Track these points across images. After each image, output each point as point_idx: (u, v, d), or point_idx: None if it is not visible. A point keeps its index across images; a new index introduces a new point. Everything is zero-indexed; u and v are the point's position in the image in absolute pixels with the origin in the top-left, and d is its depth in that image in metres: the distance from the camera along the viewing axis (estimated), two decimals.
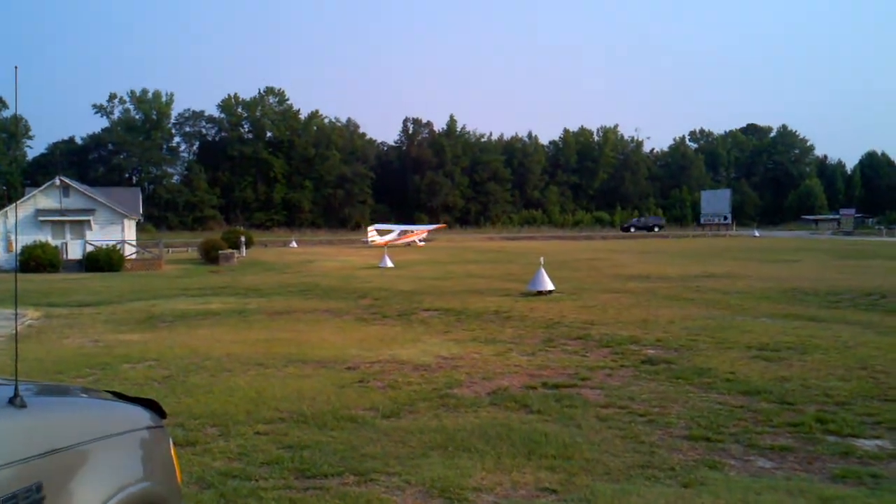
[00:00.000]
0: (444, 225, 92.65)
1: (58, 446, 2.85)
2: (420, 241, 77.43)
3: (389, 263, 39.25)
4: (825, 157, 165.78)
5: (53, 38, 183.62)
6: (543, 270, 24.22)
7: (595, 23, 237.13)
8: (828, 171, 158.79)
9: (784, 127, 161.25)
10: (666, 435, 8.09)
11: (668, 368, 11.70)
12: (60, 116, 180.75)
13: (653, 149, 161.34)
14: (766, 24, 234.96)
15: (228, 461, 7.27)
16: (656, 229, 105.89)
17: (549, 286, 23.84)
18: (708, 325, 16.62)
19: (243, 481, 6.72)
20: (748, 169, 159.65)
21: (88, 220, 46.54)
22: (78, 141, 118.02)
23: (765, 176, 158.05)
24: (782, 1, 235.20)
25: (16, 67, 3.54)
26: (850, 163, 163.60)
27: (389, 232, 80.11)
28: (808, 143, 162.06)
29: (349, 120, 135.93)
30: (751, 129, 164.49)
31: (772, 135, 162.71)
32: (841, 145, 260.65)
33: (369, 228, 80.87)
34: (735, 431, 8.20)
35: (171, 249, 62.87)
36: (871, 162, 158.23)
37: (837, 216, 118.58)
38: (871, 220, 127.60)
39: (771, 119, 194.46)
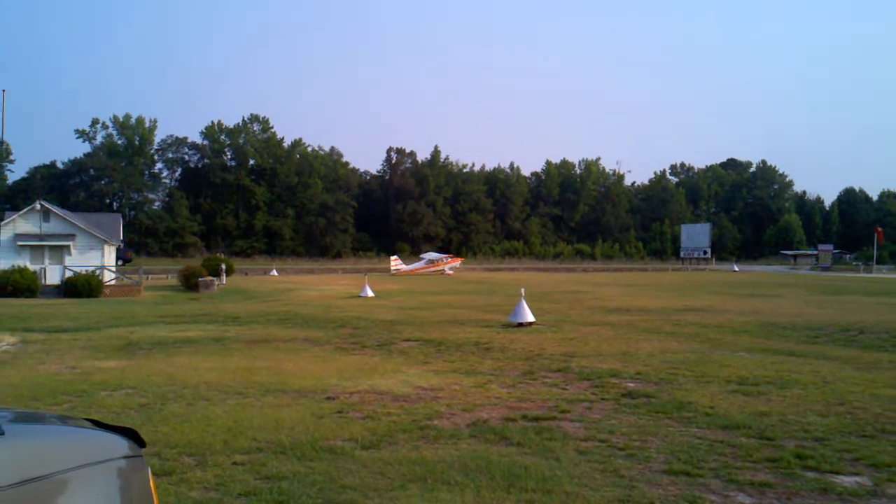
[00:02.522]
0: (462, 259, 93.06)
1: (34, 475, 2.81)
2: (449, 269, 77.89)
3: (370, 293, 39.20)
4: (804, 192, 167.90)
5: (37, 62, 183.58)
6: (524, 302, 24.24)
7: (578, 56, 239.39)
8: (806, 207, 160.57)
9: (763, 162, 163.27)
10: (646, 469, 8.07)
11: (647, 402, 11.70)
12: (42, 140, 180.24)
13: (634, 182, 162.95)
14: (746, 62, 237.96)
15: (205, 491, 7.20)
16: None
17: (530, 318, 23.85)
18: (688, 358, 16.65)
19: None
20: (728, 203, 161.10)
21: (68, 246, 46.26)
22: (59, 165, 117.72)
23: (744, 210, 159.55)
24: (762, 38, 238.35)
25: (3, 91, 3.52)
26: (829, 199, 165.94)
27: (418, 261, 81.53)
28: (788, 179, 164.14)
29: (332, 148, 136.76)
30: (731, 164, 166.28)
31: (751, 170, 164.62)
32: (819, 181, 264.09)
33: (392, 258, 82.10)
34: (715, 466, 8.19)
35: (150, 276, 62.53)
36: (849, 198, 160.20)
37: (816, 251, 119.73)
38: (849, 255, 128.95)
39: (751, 154, 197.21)
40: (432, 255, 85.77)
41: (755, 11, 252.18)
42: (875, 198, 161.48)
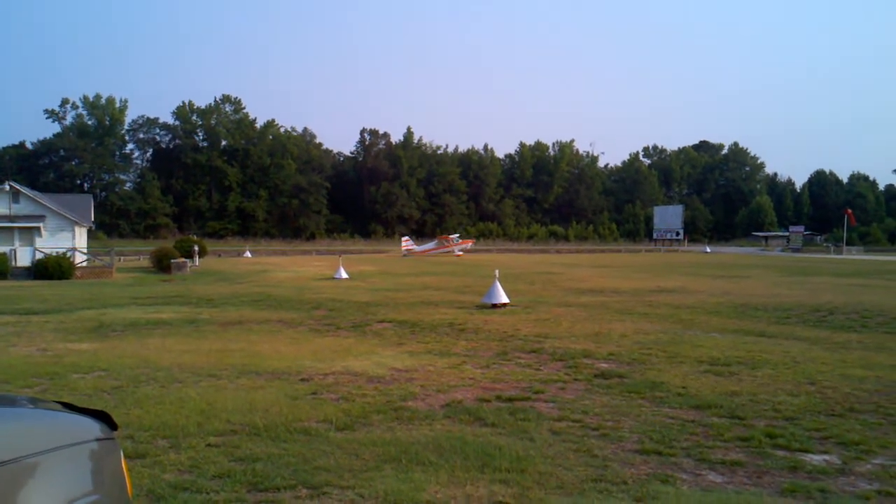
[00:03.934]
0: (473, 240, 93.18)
1: (4, 458, 2.79)
2: (459, 251, 78.60)
3: (344, 274, 39.10)
4: (775, 174, 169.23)
5: (5, 41, 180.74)
6: (498, 283, 24.29)
7: (552, 38, 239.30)
8: (777, 189, 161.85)
9: (735, 144, 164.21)
10: (618, 449, 8.13)
11: (620, 382, 11.78)
12: (11, 120, 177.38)
13: (607, 164, 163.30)
14: (719, 45, 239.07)
15: (179, 474, 7.17)
16: None
17: (504, 299, 23.92)
18: (660, 339, 16.78)
19: (194, 494, 6.62)
20: (700, 185, 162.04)
21: (38, 227, 45.74)
22: (29, 146, 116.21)
23: (716, 192, 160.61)
24: (735, 22, 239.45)
25: None
26: (800, 181, 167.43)
27: (429, 241, 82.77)
28: (759, 161, 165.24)
29: (305, 129, 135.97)
30: (703, 146, 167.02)
31: (723, 152, 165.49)
32: (790, 164, 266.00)
33: (404, 239, 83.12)
34: (686, 445, 8.26)
35: (122, 258, 62.16)
36: (820, 180, 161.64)
37: (787, 233, 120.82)
38: (819, 237, 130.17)
39: (723, 136, 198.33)
40: (446, 236, 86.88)
41: None
42: (845, 180, 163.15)
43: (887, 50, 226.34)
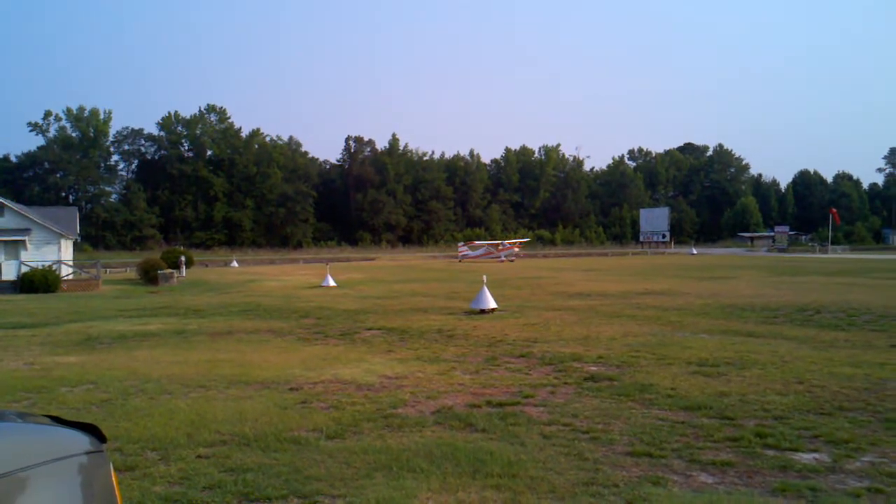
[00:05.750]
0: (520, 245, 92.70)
1: None
2: (505, 256, 79.19)
3: (332, 282, 39.07)
4: (760, 175, 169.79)
5: None
6: (486, 289, 24.32)
7: (537, 43, 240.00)
8: (762, 189, 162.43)
9: (720, 146, 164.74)
10: (609, 452, 8.14)
11: (610, 385, 11.79)
12: None
13: (593, 167, 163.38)
14: (702, 48, 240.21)
15: (169, 486, 7.14)
16: None
17: (492, 304, 23.93)
18: (648, 341, 16.82)
19: None
20: (685, 187, 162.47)
21: (24, 240, 45.51)
22: (12, 159, 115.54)
23: (702, 194, 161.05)
24: (717, 25, 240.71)
25: None
26: (784, 181, 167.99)
27: (480, 247, 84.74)
28: (744, 162, 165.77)
29: (291, 138, 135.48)
30: (688, 148, 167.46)
31: (708, 153, 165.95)
32: (775, 164, 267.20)
33: (459, 245, 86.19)
34: (677, 447, 8.28)
35: (109, 270, 61.88)
36: (804, 180, 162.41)
37: (772, 233, 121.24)
38: (804, 236, 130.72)
39: (707, 138, 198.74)
40: (497, 242, 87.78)
41: None
42: (830, 180, 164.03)
43: (871, 49, 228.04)
